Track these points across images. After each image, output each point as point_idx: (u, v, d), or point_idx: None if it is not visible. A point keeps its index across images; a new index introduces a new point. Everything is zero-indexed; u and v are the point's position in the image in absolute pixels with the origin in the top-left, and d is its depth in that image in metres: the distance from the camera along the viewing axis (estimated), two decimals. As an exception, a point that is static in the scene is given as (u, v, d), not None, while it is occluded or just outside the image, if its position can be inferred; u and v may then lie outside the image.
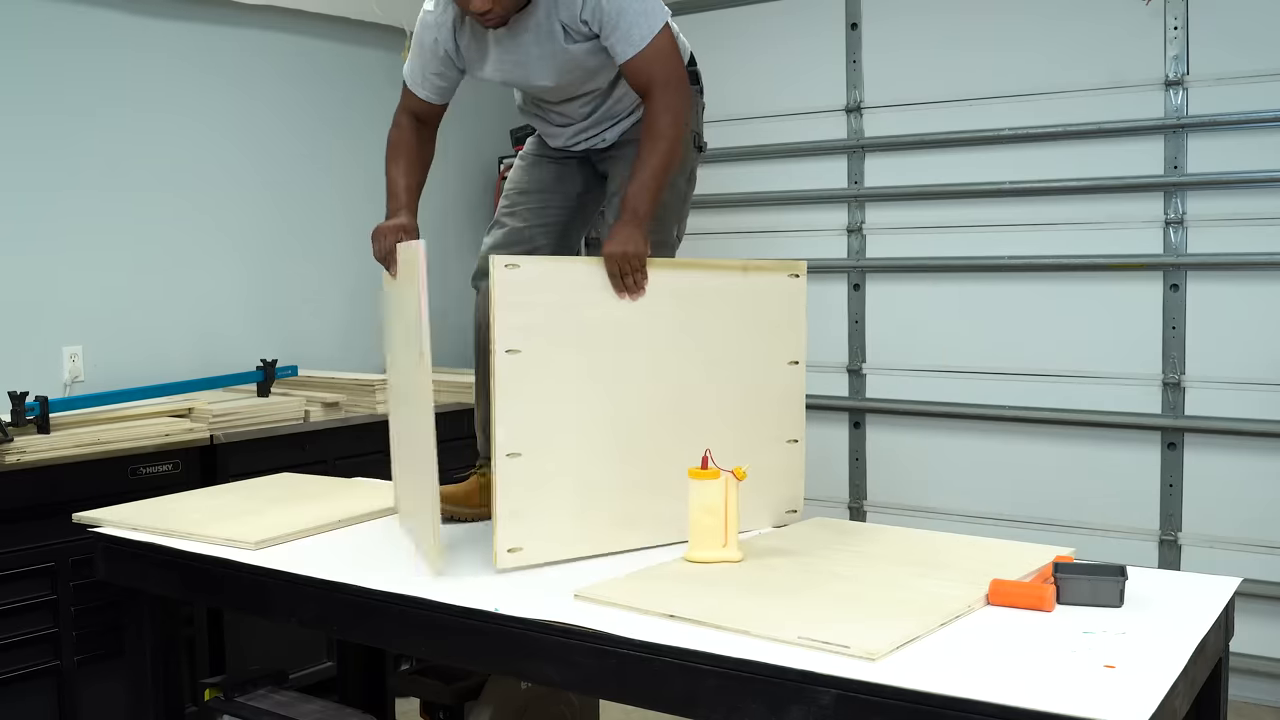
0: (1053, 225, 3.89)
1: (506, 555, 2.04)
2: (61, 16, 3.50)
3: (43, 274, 3.46)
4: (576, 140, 2.55)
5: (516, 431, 2.04)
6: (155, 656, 2.48)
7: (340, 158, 4.28)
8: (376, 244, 2.30)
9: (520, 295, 2.03)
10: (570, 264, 2.18)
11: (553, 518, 2.09)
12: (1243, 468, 3.61)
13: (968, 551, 2.13)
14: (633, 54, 2.24)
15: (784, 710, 1.55)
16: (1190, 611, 1.78)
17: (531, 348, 2.04)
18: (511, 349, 2.02)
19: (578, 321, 2.11)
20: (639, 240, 2.14)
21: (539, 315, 2.06)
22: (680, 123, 2.28)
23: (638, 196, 2.20)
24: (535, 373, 2.05)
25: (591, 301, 2.12)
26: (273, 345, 3.95)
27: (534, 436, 2.06)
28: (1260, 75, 3.51)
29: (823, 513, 3.20)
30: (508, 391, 2.03)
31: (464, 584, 1.99)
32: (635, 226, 2.16)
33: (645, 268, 2.15)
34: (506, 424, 2.03)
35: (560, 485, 2.09)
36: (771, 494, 2.35)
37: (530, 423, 2.05)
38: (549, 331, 2.07)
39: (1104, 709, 1.38)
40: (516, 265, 2.04)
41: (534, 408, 2.06)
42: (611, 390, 2.14)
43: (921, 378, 4.17)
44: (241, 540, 2.26)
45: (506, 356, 2.02)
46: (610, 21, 2.22)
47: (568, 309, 2.10)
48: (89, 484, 2.92)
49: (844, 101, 4.27)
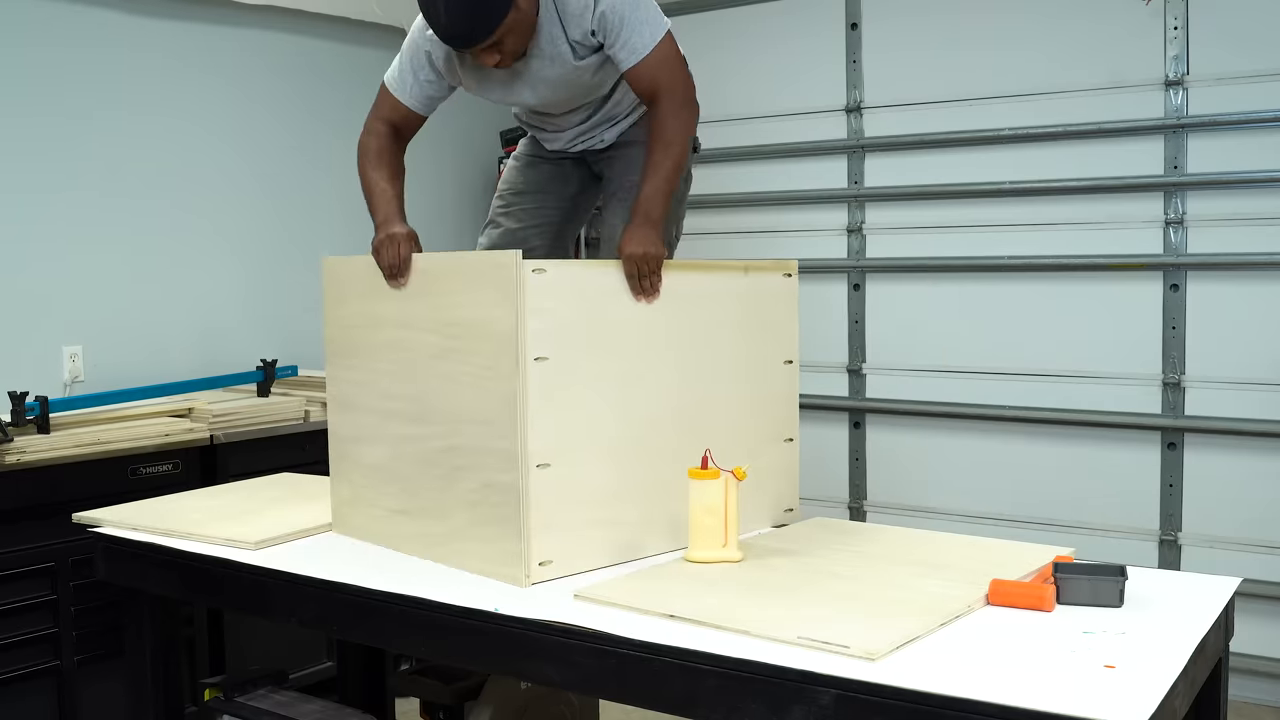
0: (1053, 225, 3.89)
1: (538, 569, 1.98)
2: (61, 16, 3.50)
3: (43, 274, 3.46)
4: (574, 143, 2.55)
5: (546, 441, 1.98)
6: (155, 656, 2.48)
7: (340, 158, 4.24)
8: (386, 252, 2.17)
9: (547, 300, 1.98)
10: (593, 267, 2.13)
11: (581, 527, 2.05)
12: (1243, 468, 3.61)
13: (968, 551, 2.13)
14: (635, 61, 2.25)
15: (784, 710, 1.55)
16: (1190, 611, 1.78)
17: (559, 354, 1.99)
18: (540, 356, 1.97)
19: (600, 325, 2.07)
20: (656, 241, 2.13)
21: (565, 320, 2.01)
22: (689, 128, 2.29)
23: (651, 200, 2.20)
24: (562, 379, 2.00)
25: (611, 305, 2.09)
26: (272, 345, 3.95)
27: (562, 446, 2.01)
28: (1260, 75, 3.51)
29: (822, 513, 3.20)
30: (537, 400, 1.96)
31: (464, 584, 1.99)
32: (651, 228, 2.15)
33: (661, 269, 2.13)
34: (536, 434, 1.97)
35: (586, 494, 2.05)
36: (770, 493, 2.35)
37: (559, 432, 2.00)
38: (574, 337, 2.02)
39: (1104, 709, 1.38)
40: (543, 270, 1.98)
41: (562, 416, 2.00)
42: (627, 395, 2.11)
43: (921, 378, 4.18)
44: (241, 540, 2.26)
45: (535, 364, 1.96)
46: (614, 30, 2.23)
47: (591, 313, 2.06)
48: (89, 484, 2.92)
49: (844, 101, 4.27)
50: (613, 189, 2.56)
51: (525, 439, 1.96)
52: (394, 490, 2.24)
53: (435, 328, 2.11)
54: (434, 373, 2.12)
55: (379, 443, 2.28)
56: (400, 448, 2.22)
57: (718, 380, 2.26)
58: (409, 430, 2.19)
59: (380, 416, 2.27)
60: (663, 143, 2.24)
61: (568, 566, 2.02)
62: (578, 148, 2.56)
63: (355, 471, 2.35)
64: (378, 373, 2.26)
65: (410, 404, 2.18)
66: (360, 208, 2.37)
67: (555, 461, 2.00)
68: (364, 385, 2.30)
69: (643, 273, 2.10)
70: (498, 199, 2.73)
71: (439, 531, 2.14)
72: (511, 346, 1.95)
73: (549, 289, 1.98)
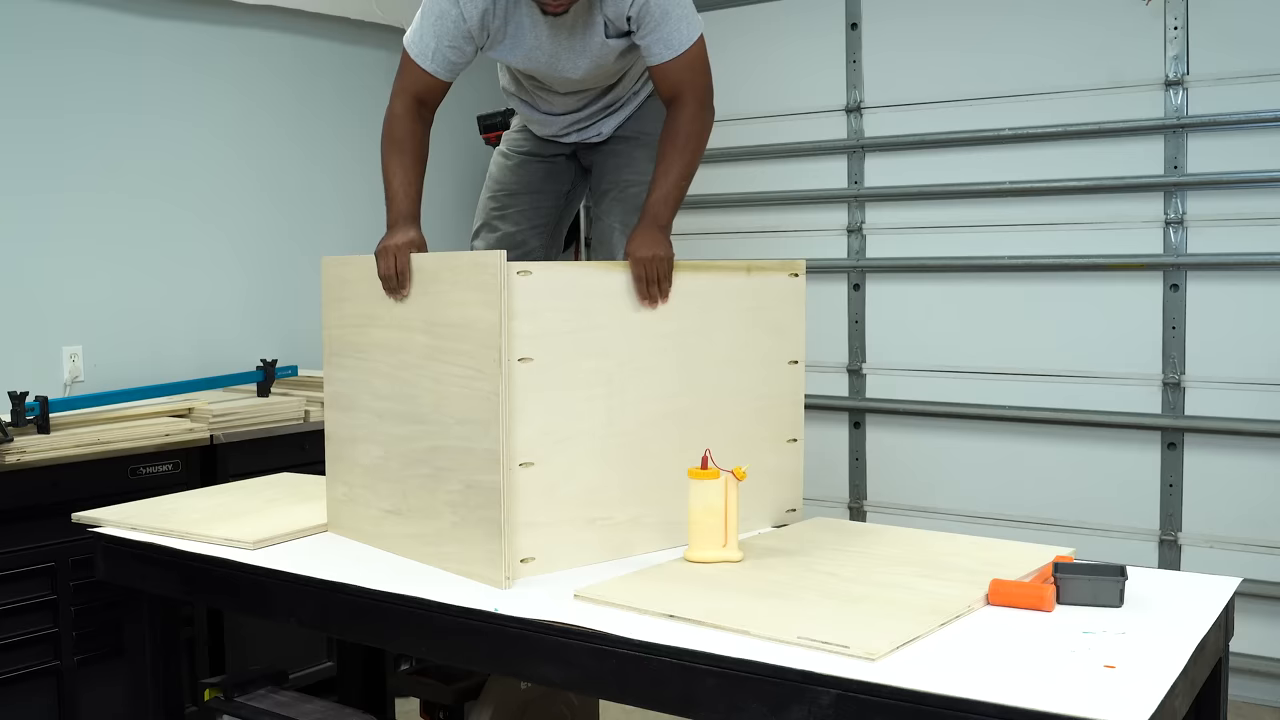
0: (1053, 225, 3.89)
1: (519, 565, 1.99)
2: (61, 17, 3.50)
3: (43, 274, 3.46)
4: (568, 131, 2.50)
5: (529, 441, 1.99)
6: (155, 656, 2.48)
7: (340, 157, 4.28)
8: (384, 261, 2.12)
9: (533, 302, 1.99)
10: (583, 269, 2.14)
11: (565, 526, 2.05)
12: (1243, 468, 3.61)
13: (968, 551, 2.13)
14: (670, 57, 2.21)
15: (784, 710, 1.55)
16: (1190, 611, 1.78)
17: (543, 355, 2.00)
18: (524, 357, 1.98)
19: (588, 327, 2.07)
20: (665, 244, 2.11)
21: (551, 322, 2.02)
22: (705, 135, 2.25)
23: (662, 204, 2.17)
24: (546, 380, 2.01)
25: (602, 307, 2.09)
26: (272, 345, 3.95)
27: (546, 445, 2.01)
28: (1260, 75, 3.51)
29: (823, 513, 3.20)
30: (520, 400, 1.98)
31: (464, 584, 1.99)
32: (660, 231, 2.13)
33: (672, 273, 2.11)
34: (519, 433, 1.98)
35: (571, 492, 2.06)
36: (772, 493, 2.35)
37: (543, 431, 2.01)
38: (560, 338, 2.03)
39: (1104, 709, 1.38)
40: (529, 271, 1.99)
41: (546, 416, 2.01)
42: (620, 395, 2.11)
43: (921, 378, 4.18)
44: (241, 540, 2.26)
45: (519, 365, 1.97)
46: (653, 21, 2.19)
47: (579, 315, 2.06)
48: (89, 484, 2.92)
49: (844, 101, 4.27)
50: (605, 186, 2.52)
51: (509, 439, 1.97)
52: (386, 490, 2.24)
53: (425, 328, 2.12)
54: (424, 373, 2.13)
55: (373, 443, 2.28)
56: (392, 448, 2.22)
57: (720, 381, 2.26)
58: (400, 430, 2.20)
59: (374, 416, 2.27)
60: (678, 145, 2.21)
61: (550, 564, 2.03)
62: (571, 138, 2.52)
63: (350, 471, 2.35)
64: (372, 372, 2.26)
65: (401, 404, 2.19)
66: (361, 208, 2.36)
67: (539, 461, 2.01)
68: (359, 385, 2.30)
69: (651, 277, 2.07)
70: (490, 200, 2.69)
71: (428, 532, 2.14)
72: (495, 347, 1.96)
73: (535, 291, 1.99)
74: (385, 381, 2.23)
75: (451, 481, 2.07)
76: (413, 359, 2.15)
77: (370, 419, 2.28)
